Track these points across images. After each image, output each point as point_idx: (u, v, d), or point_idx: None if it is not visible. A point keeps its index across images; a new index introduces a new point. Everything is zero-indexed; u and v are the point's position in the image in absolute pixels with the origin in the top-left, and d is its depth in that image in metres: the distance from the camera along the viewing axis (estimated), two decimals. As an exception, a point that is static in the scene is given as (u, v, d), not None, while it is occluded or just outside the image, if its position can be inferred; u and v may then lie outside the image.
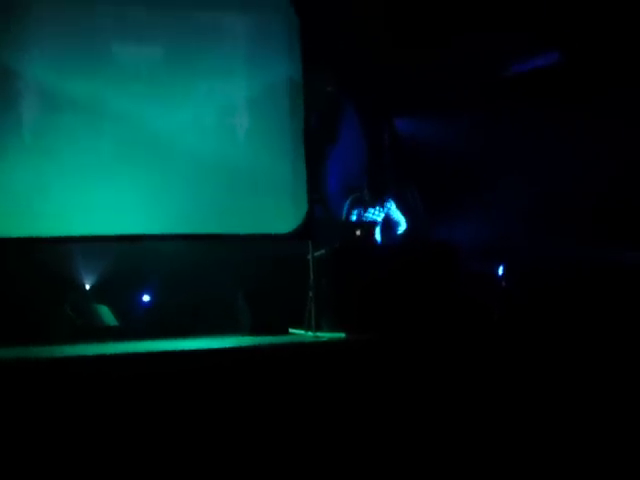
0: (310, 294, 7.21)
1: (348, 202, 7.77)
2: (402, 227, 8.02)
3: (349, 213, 7.71)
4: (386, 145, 9.84)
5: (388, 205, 7.95)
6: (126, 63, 8.30)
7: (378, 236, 7.86)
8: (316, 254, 7.36)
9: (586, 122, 8.40)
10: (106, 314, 8.16)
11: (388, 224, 8.02)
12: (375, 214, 7.82)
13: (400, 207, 8.17)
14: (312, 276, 7.26)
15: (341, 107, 9.49)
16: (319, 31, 8.69)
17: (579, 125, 8.49)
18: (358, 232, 7.34)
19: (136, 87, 8.23)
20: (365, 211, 7.86)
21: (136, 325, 8.10)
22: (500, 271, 8.68)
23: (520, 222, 8.71)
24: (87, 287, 8.27)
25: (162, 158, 8.18)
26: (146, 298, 8.44)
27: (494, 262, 8.71)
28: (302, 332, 7.27)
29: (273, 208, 8.34)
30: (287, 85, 8.70)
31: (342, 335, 6.46)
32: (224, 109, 8.55)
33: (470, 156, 9.14)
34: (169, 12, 8.43)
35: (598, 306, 7.41)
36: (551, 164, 8.63)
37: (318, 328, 7.01)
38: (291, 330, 7.54)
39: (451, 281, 6.88)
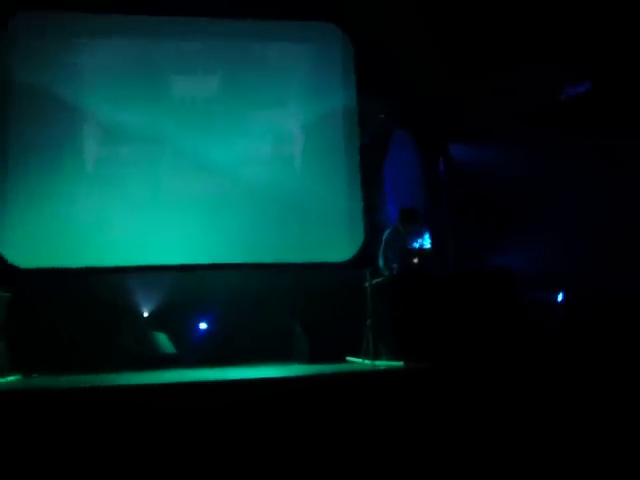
0: (368, 322, 7.16)
1: (386, 233, 7.67)
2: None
3: (387, 244, 7.58)
4: (442, 173, 9.79)
5: (424, 235, 7.83)
6: (184, 95, 8.45)
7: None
8: (374, 282, 7.32)
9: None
10: (164, 342, 8.22)
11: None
12: (427, 241, 7.73)
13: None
14: (370, 304, 7.22)
15: (399, 135, 9.46)
16: (374, 61, 8.72)
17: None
18: (416, 260, 7.26)
19: (194, 118, 8.37)
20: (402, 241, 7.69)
21: (194, 353, 8.13)
22: (559, 298, 8.53)
23: (579, 249, 8.56)
24: (146, 315, 8.34)
25: (219, 188, 8.28)
26: (204, 326, 8.47)
27: (553, 289, 8.57)
28: (360, 360, 7.22)
29: (330, 237, 8.37)
30: (342, 114, 8.75)
31: (400, 364, 6.39)
32: (280, 139, 8.65)
33: (530, 183, 9.03)
34: (225, 44, 8.57)
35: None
36: (613, 192, 8.49)
37: (376, 357, 6.95)
38: (349, 358, 7.49)
39: (510, 308, 6.78)
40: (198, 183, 8.25)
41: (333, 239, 8.40)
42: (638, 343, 6.96)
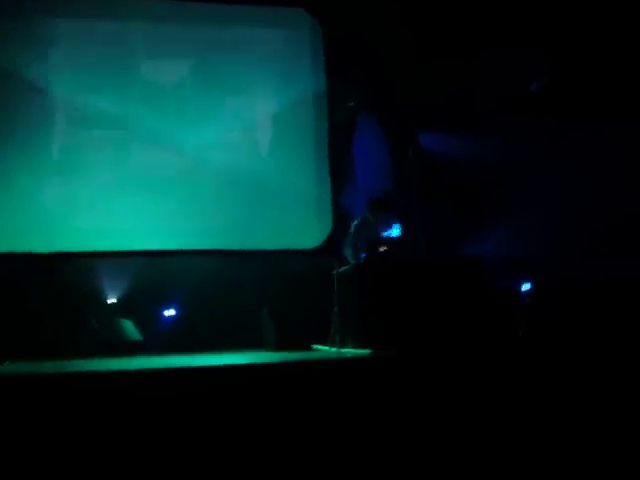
0: (335, 310, 7.17)
1: (355, 222, 7.68)
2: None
3: (357, 233, 7.59)
4: (410, 160, 9.80)
5: (393, 224, 7.81)
6: (153, 79, 8.38)
7: None
8: (341, 270, 7.32)
9: (619, 138, 8.33)
10: (130, 329, 8.19)
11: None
12: (395, 231, 7.73)
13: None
14: (337, 292, 7.22)
15: (366, 123, 9.46)
16: (344, 45, 8.70)
17: (611, 141, 8.42)
18: (384, 248, 7.28)
19: (163, 103, 8.31)
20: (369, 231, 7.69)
21: (160, 340, 8.11)
22: (525, 287, 8.60)
23: (547, 239, 8.63)
24: (112, 302, 8.29)
25: (188, 174, 8.25)
26: (171, 313, 8.45)
27: (519, 278, 8.64)
28: (326, 348, 7.23)
29: (298, 224, 8.36)
30: (311, 100, 8.74)
31: (367, 351, 6.41)
32: (249, 124, 8.62)
33: (497, 172, 9.08)
34: (195, 28, 8.50)
35: (621, 323, 7.33)
36: (579, 181, 8.56)
37: (343, 344, 6.96)
38: (315, 346, 7.50)
39: (477, 297, 6.82)
40: (166, 169, 8.20)
41: (301, 226, 8.40)
42: (606, 332, 7.06)
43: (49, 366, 5.97)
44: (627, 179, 8.33)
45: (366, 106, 9.37)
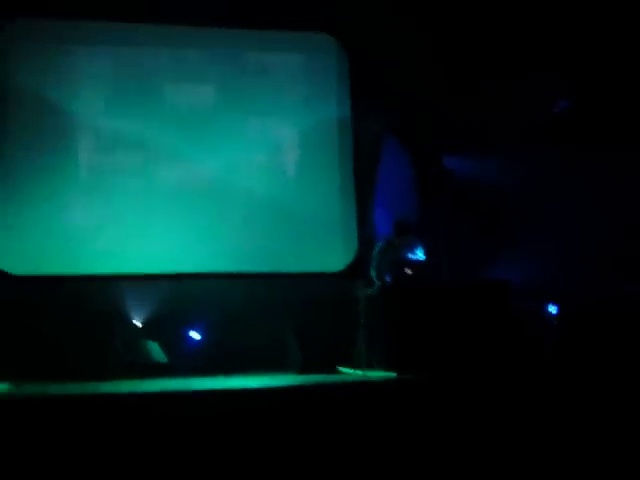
0: (360, 333, 7.16)
1: (379, 245, 7.69)
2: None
3: (381, 256, 7.59)
4: (435, 184, 9.80)
5: (417, 247, 7.79)
6: (178, 103, 8.46)
7: None
8: (367, 292, 7.32)
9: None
10: (156, 351, 8.20)
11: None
12: (420, 254, 7.72)
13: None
14: (362, 314, 7.21)
15: (390, 146, 9.48)
16: (368, 69, 8.74)
17: (633, 166, 8.38)
18: (409, 271, 7.27)
19: (188, 127, 8.37)
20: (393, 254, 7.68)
21: (185, 362, 8.11)
22: (553, 310, 8.53)
23: (575, 263, 8.57)
24: (137, 324, 8.32)
25: (213, 197, 8.29)
26: (196, 336, 8.45)
27: (547, 302, 8.58)
28: (351, 371, 7.21)
29: (324, 247, 8.37)
30: (336, 124, 8.77)
31: (392, 375, 6.38)
32: (274, 148, 8.66)
33: (521, 196, 9.06)
34: (220, 53, 8.59)
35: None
36: (610, 204, 8.51)
37: (368, 367, 6.94)
38: (340, 368, 7.48)
39: (503, 320, 6.77)
40: (191, 192, 8.25)
41: (326, 249, 8.40)
42: (632, 356, 6.98)
43: (74, 388, 5.99)
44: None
45: (391, 130, 9.39)
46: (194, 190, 8.28)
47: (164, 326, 8.38)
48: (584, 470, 5.10)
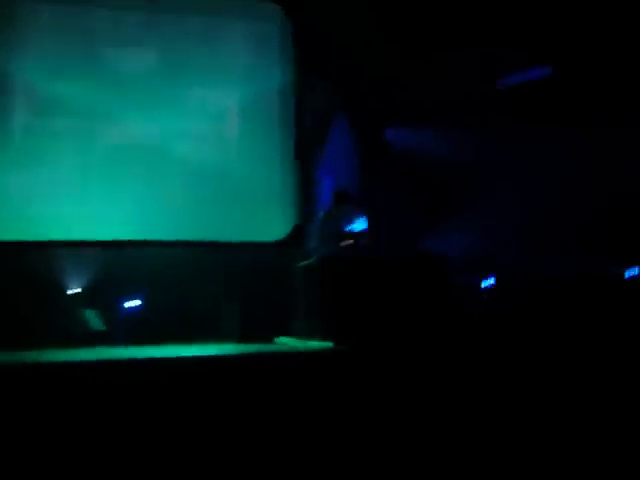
0: (298, 303, 7.21)
1: (320, 216, 7.73)
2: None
3: (321, 226, 7.64)
4: (377, 155, 9.85)
5: (357, 218, 7.84)
6: (120, 68, 8.33)
7: None
8: (305, 263, 7.36)
9: (578, 137, 8.45)
10: (93, 319, 8.14)
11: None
12: (360, 225, 7.77)
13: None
14: (300, 285, 7.26)
15: (335, 116, 9.49)
16: (313, 40, 8.71)
17: (572, 140, 8.53)
18: (349, 242, 7.32)
19: (128, 92, 8.25)
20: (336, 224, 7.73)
21: (123, 331, 8.07)
22: (486, 283, 8.70)
23: (510, 236, 8.73)
24: (75, 292, 8.24)
25: (152, 165, 8.20)
26: (134, 304, 8.41)
27: (482, 275, 8.73)
28: (289, 341, 7.26)
29: (263, 216, 8.36)
30: (279, 94, 8.73)
31: (329, 344, 6.45)
32: (215, 116, 8.59)
33: (463, 168, 9.16)
34: (163, 18, 8.46)
35: (580, 317, 7.45)
36: (543, 178, 8.66)
37: (306, 337, 7.00)
38: (278, 339, 7.53)
39: (438, 292, 6.88)
40: (130, 158, 8.16)
41: (266, 219, 8.40)
42: (561, 328, 7.16)
43: (9, 356, 5.93)
44: (592, 177, 8.45)
45: (334, 101, 9.40)
46: (133, 157, 8.18)
47: (101, 294, 8.32)
48: (508, 436, 5.24)
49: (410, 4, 8.65)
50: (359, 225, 7.67)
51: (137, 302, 8.47)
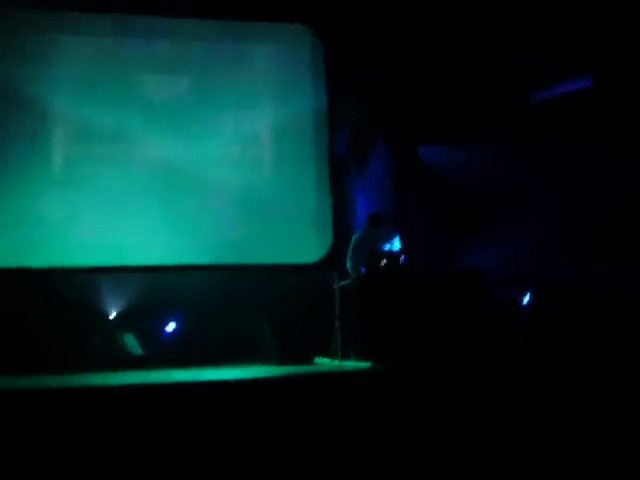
0: (336, 324, 7.20)
1: (355, 236, 7.73)
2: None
3: (356, 247, 7.63)
4: (411, 175, 9.84)
5: (392, 238, 7.81)
6: (153, 95, 8.41)
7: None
8: (342, 284, 7.36)
9: (616, 149, 8.38)
10: (132, 343, 8.18)
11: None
12: (396, 245, 7.75)
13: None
14: (338, 306, 7.26)
15: (369, 137, 9.51)
16: (345, 61, 8.74)
17: (608, 153, 8.46)
18: (384, 262, 7.31)
19: (162, 118, 8.33)
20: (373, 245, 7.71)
21: (162, 355, 8.10)
22: (525, 299, 8.61)
23: (547, 250, 8.65)
24: (113, 317, 8.30)
25: (189, 189, 8.25)
26: (172, 328, 8.45)
27: (520, 290, 8.65)
28: (328, 361, 7.25)
29: (299, 238, 8.37)
30: (312, 116, 8.76)
31: (367, 364, 6.43)
32: (249, 140, 8.63)
33: (498, 184, 9.12)
34: (194, 44, 8.55)
35: (620, 333, 7.35)
36: (580, 192, 8.59)
37: (344, 357, 6.98)
38: (317, 359, 7.52)
39: (476, 308, 6.84)
40: (166, 184, 8.21)
41: (302, 241, 8.40)
42: (604, 342, 7.07)
43: (50, 381, 5.97)
44: (623, 191, 8.36)
45: (367, 121, 9.41)
46: (169, 182, 8.24)
47: (139, 318, 8.37)
48: (558, 457, 5.16)
49: (439, 20, 8.64)
50: (394, 245, 7.67)
51: (175, 326, 8.51)
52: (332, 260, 8.19)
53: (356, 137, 9.38)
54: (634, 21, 8.04)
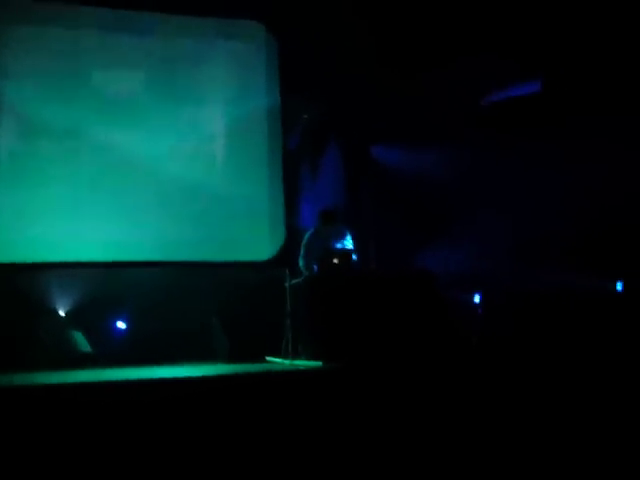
0: (287, 322, 7.20)
1: (307, 234, 7.75)
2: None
3: (308, 245, 7.65)
4: (364, 173, 9.88)
5: (344, 237, 7.83)
6: (106, 89, 8.31)
7: None
8: (294, 282, 7.35)
9: (564, 151, 8.49)
10: (81, 341, 8.09)
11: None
12: (348, 243, 7.77)
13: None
14: (289, 304, 7.25)
15: (322, 135, 9.53)
16: (298, 58, 8.73)
17: (557, 154, 8.57)
18: (336, 260, 7.32)
19: (116, 113, 8.24)
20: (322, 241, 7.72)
21: (110, 352, 8.03)
22: (477, 299, 8.71)
23: (498, 252, 8.75)
24: (61, 313, 8.20)
25: (139, 185, 8.18)
26: (121, 325, 8.37)
27: (472, 290, 8.74)
28: (279, 360, 7.24)
29: (250, 235, 8.35)
30: (266, 113, 8.74)
31: (319, 363, 6.44)
32: (202, 136, 8.59)
33: (452, 186, 9.19)
34: (149, 39, 8.47)
35: (568, 332, 7.48)
36: (532, 195, 8.70)
37: (295, 356, 6.98)
38: (268, 358, 7.51)
39: (428, 308, 6.88)
40: (118, 179, 8.12)
41: (254, 238, 8.37)
42: (554, 341, 7.19)
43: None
44: (579, 194, 8.49)
45: (320, 119, 9.43)
46: (120, 177, 8.14)
47: (89, 315, 8.28)
48: (505, 454, 5.23)
49: (395, 21, 8.68)
50: (346, 243, 7.69)
51: (124, 323, 8.43)
52: (284, 258, 8.17)
53: (309, 135, 9.39)
54: (585, 25, 8.17)
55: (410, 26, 8.72)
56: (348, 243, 7.70)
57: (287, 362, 7.02)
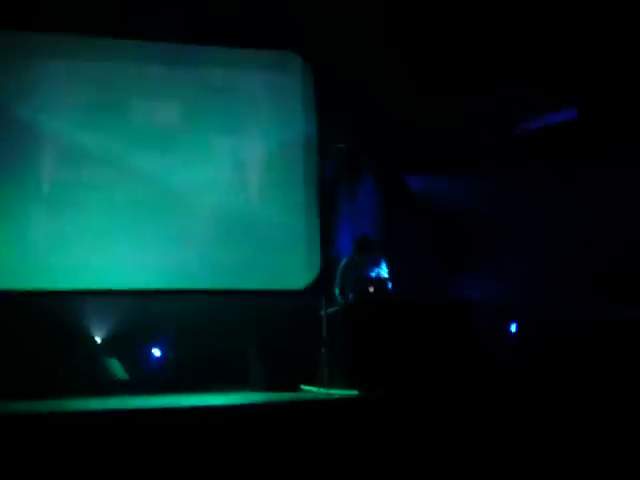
0: (323, 351, 7.17)
1: (342, 263, 7.73)
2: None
3: (344, 274, 7.63)
4: (399, 202, 9.86)
5: (380, 265, 7.80)
6: (144, 119, 8.42)
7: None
8: (329, 310, 7.33)
9: (601, 180, 8.42)
10: (117, 368, 8.13)
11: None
12: (384, 271, 7.73)
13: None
14: (325, 332, 7.23)
15: (357, 164, 9.53)
16: (334, 88, 8.77)
17: (593, 183, 8.50)
18: (371, 289, 7.29)
19: (153, 143, 8.34)
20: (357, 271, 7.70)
21: (147, 380, 8.04)
22: (513, 329, 8.62)
23: (534, 282, 8.67)
24: (98, 341, 8.25)
25: (177, 214, 8.26)
26: (157, 352, 8.40)
27: (508, 320, 8.66)
28: (314, 389, 7.20)
29: (287, 264, 8.38)
30: (302, 142, 8.80)
31: (354, 392, 6.39)
32: (239, 166, 8.66)
33: (486, 215, 9.14)
34: (186, 70, 8.57)
35: (607, 363, 7.36)
36: (567, 224, 8.62)
37: (331, 385, 6.94)
38: (303, 387, 7.47)
39: (465, 338, 6.82)
40: (156, 208, 8.21)
41: (290, 267, 8.40)
42: (589, 372, 7.08)
43: (34, 406, 5.92)
44: (609, 223, 8.39)
45: (356, 148, 9.44)
46: (157, 207, 8.24)
47: (125, 343, 8.31)
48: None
49: (430, 49, 8.70)
50: (382, 272, 7.66)
51: (160, 351, 8.45)
52: (320, 286, 8.16)
53: (345, 164, 9.40)
54: (619, 51, 8.12)
55: (443, 55, 8.73)
56: (383, 272, 7.67)
57: (322, 391, 6.99)
